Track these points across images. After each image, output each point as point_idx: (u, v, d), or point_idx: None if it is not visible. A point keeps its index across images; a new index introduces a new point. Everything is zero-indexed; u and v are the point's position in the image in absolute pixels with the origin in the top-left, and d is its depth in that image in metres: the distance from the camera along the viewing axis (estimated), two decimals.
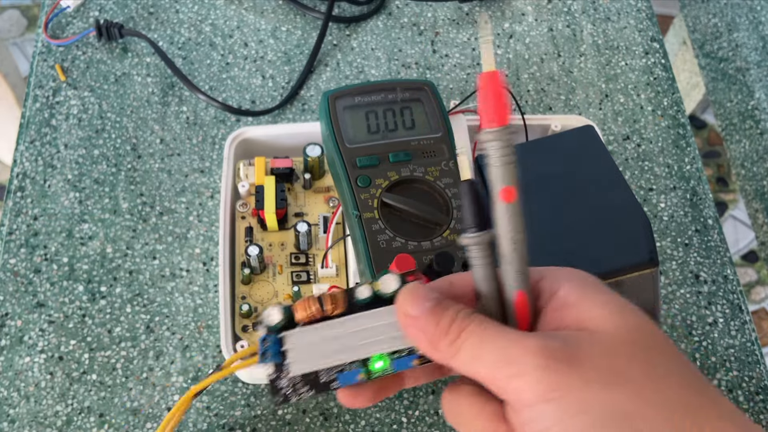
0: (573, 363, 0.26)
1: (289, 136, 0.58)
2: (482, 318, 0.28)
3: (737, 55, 0.90)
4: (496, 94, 0.28)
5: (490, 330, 0.28)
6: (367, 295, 0.31)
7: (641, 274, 0.45)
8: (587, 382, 0.25)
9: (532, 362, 0.26)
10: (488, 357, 0.27)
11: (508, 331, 0.28)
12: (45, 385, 0.53)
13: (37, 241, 0.58)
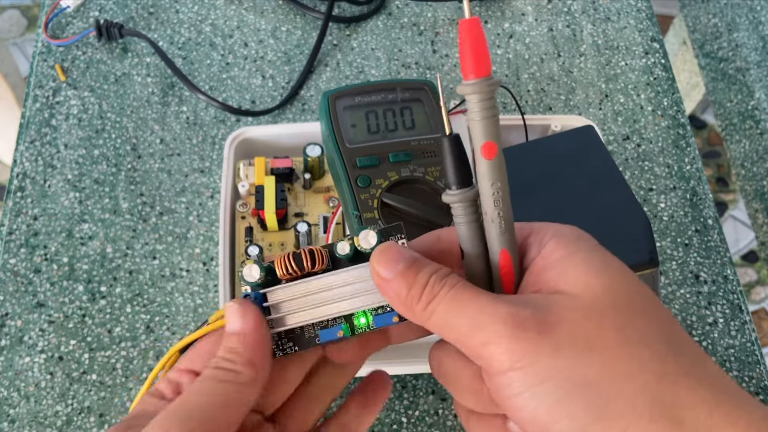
0: (542, 331, 0.25)
1: (289, 136, 0.58)
2: (455, 282, 0.27)
3: (737, 55, 0.90)
4: (475, 41, 0.27)
5: (462, 296, 0.27)
6: (347, 251, 0.31)
7: (641, 275, 0.45)
8: (556, 349, 0.25)
9: (501, 331, 0.25)
10: (459, 324, 0.27)
11: (481, 296, 0.27)
12: (45, 385, 0.53)
13: (37, 241, 0.58)
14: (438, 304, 0.27)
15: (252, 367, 0.30)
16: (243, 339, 0.30)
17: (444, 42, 0.71)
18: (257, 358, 0.30)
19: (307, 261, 0.31)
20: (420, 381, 0.54)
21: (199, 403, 0.28)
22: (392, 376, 0.53)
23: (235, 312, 0.31)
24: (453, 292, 0.27)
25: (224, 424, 0.28)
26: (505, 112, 0.67)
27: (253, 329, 0.31)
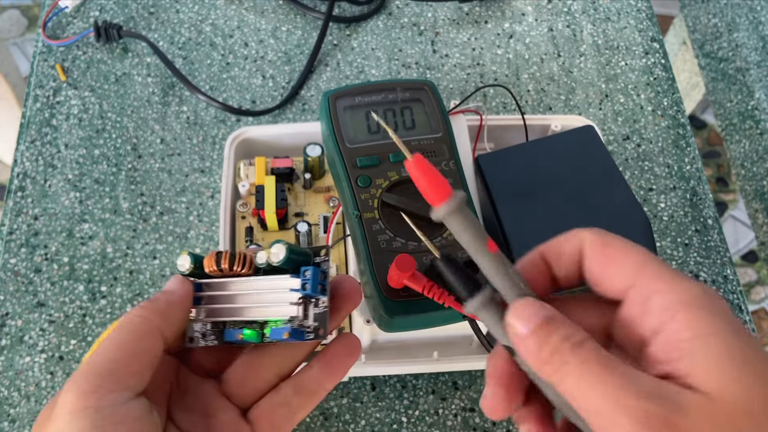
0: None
1: (290, 135, 0.58)
2: (589, 352, 0.25)
3: (737, 55, 0.90)
4: (426, 175, 0.29)
5: (592, 370, 0.25)
6: (263, 262, 0.33)
7: None
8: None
9: (626, 427, 0.23)
10: (586, 401, 0.25)
11: (614, 376, 0.24)
12: (45, 385, 0.53)
13: (37, 240, 0.58)
14: (566, 375, 0.25)
15: (162, 317, 0.31)
16: (168, 294, 0.32)
17: (444, 42, 0.71)
18: (170, 311, 0.32)
19: (225, 262, 0.33)
20: (420, 381, 0.54)
21: (101, 356, 0.29)
22: (392, 376, 0.53)
23: (176, 278, 0.34)
24: (584, 365, 0.25)
25: (129, 373, 0.29)
26: (505, 112, 0.67)
27: (182, 294, 0.33)
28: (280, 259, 0.32)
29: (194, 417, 0.32)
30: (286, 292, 0.32)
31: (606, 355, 0.25)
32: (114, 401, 0.28)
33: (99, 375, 0.28)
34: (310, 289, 0.32)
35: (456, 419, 0.53)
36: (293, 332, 0.31)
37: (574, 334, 0.26)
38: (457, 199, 0.28)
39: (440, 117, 0.49)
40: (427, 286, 0.39)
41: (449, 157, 0.47)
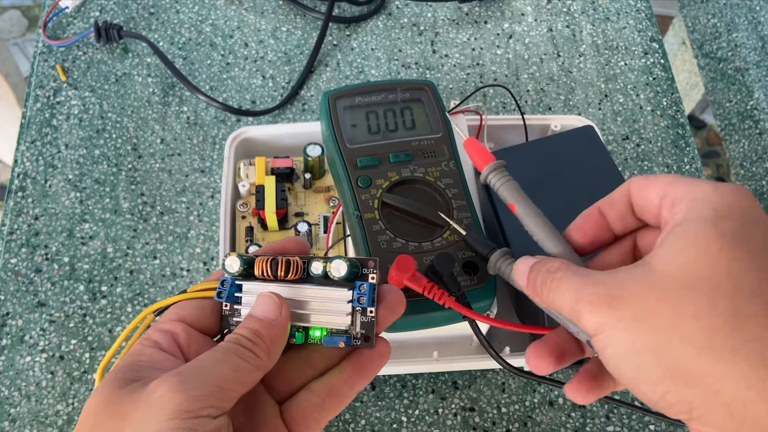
0: (610, 305, 0.29)
1: (290, 135, 0.58)
2: (561, 273, 0.32)
3: (736, 55, 0.90)
4: (477, 149, 0.41)
5: (561, 282, 0.32)
6: (320, 272, 0.34)
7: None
8: (618, 320, 0.29)
9: (583, 309, 0.30)
10: (563, 304, 0.31)
11: (573, 280, 0.31)
12: (46, 385, 0.53)
13: (38, 240, 0.58)
14: (550, 292, 0.32)
15: (268, 355, 0.32)
16: (270, 328, 0.33)
17: (444, 42, 0.71)
18: (275, 349, 0.33)
19: (282, 270, 0.34)
20: (420, 380, 0.54)
21: (215, 371, 0.31)
22: (392, 376, 0.54)
23: (272, 302, 0.34)
24: (558, 281, 0.32)
25: (231, 397, 0.30)
26: (505, 112, 0.67)
27: (283, 323, 0.33)
28: (342, 275, 0.34)
29: (238, 409, 0.33)
30: (341, 303, 0.34)
31: (575, 270, 0.32)
32: (211, 414, 0.29)
33: (209, 387, 0.30)
34: (366, 302, 0.34)
35: (456, 419, 0.53)
36: (347, 340, 0.34)
37: (552, 266, 0.33)
38: (500, 161, 0.40)
39: (440, 117, 0.49)
40: (427, 287, 0.40)
41: (449, 157, 0.48)
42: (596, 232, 0.35)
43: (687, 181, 0.31)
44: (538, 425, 0.53)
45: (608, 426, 0.53)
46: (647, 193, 0.33)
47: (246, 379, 0.31)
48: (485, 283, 0.43)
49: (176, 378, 0.30)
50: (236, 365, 0.31)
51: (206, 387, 0.30)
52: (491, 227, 0.50)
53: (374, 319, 0.34)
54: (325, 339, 0.34)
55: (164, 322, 0.34)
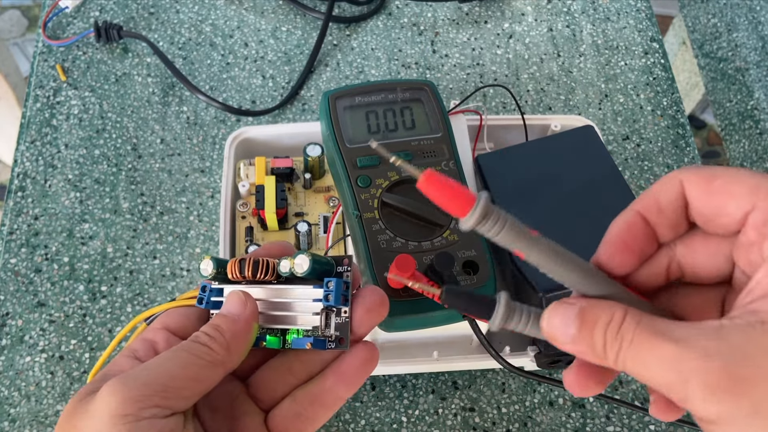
0: (737, 392, 0.22)
1: (290, 135, 0.58)
2: (631, 331, 0.24)
3: (736, 55, 0.90)
4: (441, 189, 0.27)
5: (642, 347, 0.24)
6: (286, 271, 0.33)
7: None
8: (755, 411, 0.22)
9: (692, 393, 0.22)
10: (655, 379, 0.24)
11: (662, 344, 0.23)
12: (46, 385, 0.53)
13: (37, 240, 0.58)
14: (626, 360, 0.25)
15: (227, 351, 0.31)
16: (232, 323, 0.32)
17: (444, 42, 0.71)
18: (236, 346, 0.31)
19: (249, 270, 0.33)
20: (420, 380, 0.54)
21: (160, 369, 0.29)
22: (392, 376, 0.53)
23: (237, 298, 0.32)
24: (633, 346, 0.24)
25: (182, 395, 0.29)
26: (505, 112, 0.67)
27: (247, 319, 0.32)
28: (305, 270, 0.32)
29: (219, 417, 0.33)
30: (309, 302, 0.33)
31: (651, 324, 0.24)
32: (155, 414, 0.28)
33: (150, 387, 0.28)
34: (333, 300, 0.32)
35: (456, 419, 0.53)
36: (315, 341, 0.32)
37: (610, 321, 0.25)
38: (482, 202, 0.26)
39: (440, 117, 0.49)
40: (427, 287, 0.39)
41: (449, 157, 0.48)
42: (644, 245, 0.28)
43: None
44: (538, 425, 0.53)
45: (608, 426, 0.53)
46: (721, 202, 0.25)
47: (200, 375, 0.30)
48: (485, 283, 0.43)
49: (115, 380, 0.28)
50: (185, 361, 0.30)
51: (147, 387, 0.28)
52: None
53: (348, 320, 0.33)
54: (294, 341, 0.33)
55: (148, 330, 0.34)
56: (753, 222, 0.25)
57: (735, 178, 0.25)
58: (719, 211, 0.26)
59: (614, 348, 0.25)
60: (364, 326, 0.33)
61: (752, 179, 0.25)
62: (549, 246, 0.27)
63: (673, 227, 0.27)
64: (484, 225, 0.27)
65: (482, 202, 0.26)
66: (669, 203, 0.27)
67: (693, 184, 0.26)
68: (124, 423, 0.27)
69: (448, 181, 0.27)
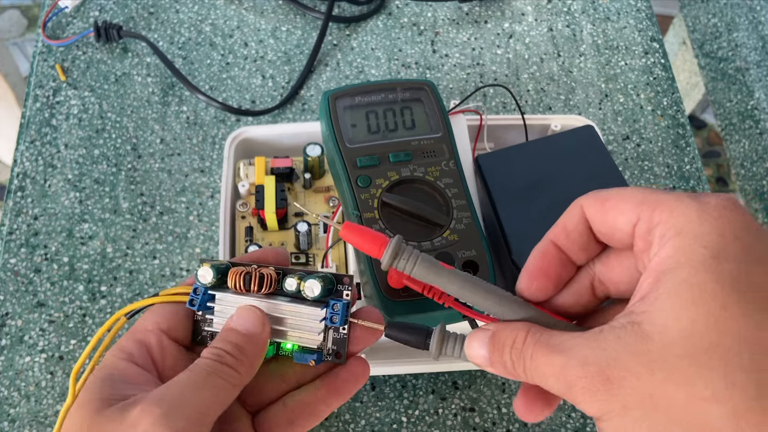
0: (609, 390, 0.24)
1: (289, 135, 0.58)
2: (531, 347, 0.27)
3: (737, 55, 0.90)
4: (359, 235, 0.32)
5: (539, 361, 0.27)
6: (293, 290, 0.34)
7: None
8: (625, 409, 0.24)
9: (577, 396, 0.25)
10: (551, 387, 0.27)
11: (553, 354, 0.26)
12: (45, 385, 0.53)
13: (37, 240, 0.58)
14: (532, 374, 0.27)
15: (249, 372, 0.32)
16: (254, 345, 0.32)
17: (444, 42, 0.71)
18: (255, 365, 0.32)
19: (255, 284, 0.34)
20: (420, 380, 0.54)
21: (197, 399, 0.30)
22: (392, 376, 0.53)
23: (255, 316, 0.33)
24: (533, 360, 0.27)
25: (210, 421, 0.30)
26: (505, 111, 0.67)
27: (266, 339, 0.33)
28: (316, 295, 0.33)
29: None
30: (313, 321, 0.34)
31: (546, 339, 0.27)
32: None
33: (190, 420, 0.29)
34: (338, 321, 0.34)
35: (456, 419, 0.53)
36: (317, 357, 0.34)
37: (517, 339, 0.28)
38: (393, 244, 0.31)
39: (440, 117, 0.49)
40: (427, 287, 0.39)
41: (449, 157, 0.47)
42: (559, 270, 0.30)
43: (660, 198, 0.26)
44: (538, 425, 0.53)
45: None
46: (612, 218, 0.28)
47: (226, 399, 0.31)
48: None
49: (158, 410, 0.28)
50: (216, 387, 0.30)
51: (189, 419, 0.29)
52: (491, 227, 0.50)
53: (346, 336, 0.34)
54: (296, 355, 0.34)
55: (139, 330, 0.33)
56: (638, 232, 0.27)
57: (623, 195, 0.27)
58: (613, 228, 0.28)
59: (520, 365, 0.28)
60: (360, 344, 0.35)
61: (638, 195, 0.27)
62: (463, 278, 0.31)
63: (583, 249, 0.30)
64: (398, 262, 0.31)
65: (393, 243, 0.31)
66: (574, 228, 0.29)
67: (590, 207, 0.29)
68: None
69: (364, 229, 0.32)
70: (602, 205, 0.28)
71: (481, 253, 0.44)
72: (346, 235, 0.32)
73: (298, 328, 0.34)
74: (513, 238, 0.47)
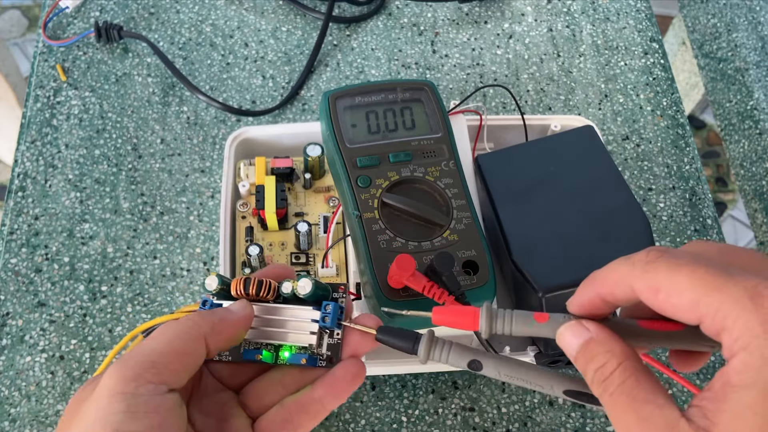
0: None
1: (290, 136, 0.58)
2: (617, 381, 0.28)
3: (736, 55, 0.90)
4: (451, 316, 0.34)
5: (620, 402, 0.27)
6: (288, 292, 0.35)
7: None
8: None
9: None
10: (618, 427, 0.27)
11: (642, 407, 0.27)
12: (46, 385, 0.53)
13: (38, 240, 0.58)
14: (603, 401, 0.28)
15: (212, 328, 0.33)
16: (227, 311, 0.34)
17: (444, 42, 0.71)
18: (221, 327, 0.34)
19: (253, 288, 0.35)
20: (420, 380, 0.54)
21: (148, 347, 0.31)
22: (392, 376, 0.54)
23: (241, 301, 0.36)
24: (612, 399, 0.28)
25: (172, 369, 0.31)
26: (505, 112, 0.67)
27: (241, 316, 0.35)
28: (307, 292, 0.35)
29: (209, 420, 0.34)
30: (306, 322, 0.35)
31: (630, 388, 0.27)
32: (151, 391, 0.30)
33: (141, 365, 0.30)
34: (329, 322, 0.35)
35: (456, 419, 0.53)
36: (309, 358, 0.35)
37: (606, 362, 0.28)
38: (484, 313, 0.33)
39: (440, 117, 0.49)
40: (427, 286, 0.40)
41: (449, 157, 0.48)
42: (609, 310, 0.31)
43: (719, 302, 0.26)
44: (538, 425, 0.53)
45: (608, 426, 0.53)
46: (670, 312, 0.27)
47: (186, 348, 0.32)
48: (485, 283, 0.43)
49: (114, 363, 0.31)
50: (171, 336, 0.32)
51: (139, 365, 0.30)
52: (491, 227, 0.50)
53: (340, 342, 0.35)
54: (290, 356, 0.36)
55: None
56: (705, 330, 0.27)
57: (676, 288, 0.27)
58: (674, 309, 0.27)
59: (598, 389, 0.28)
60: (355, 350, 0.36)
61: (691, 292, 0.26)
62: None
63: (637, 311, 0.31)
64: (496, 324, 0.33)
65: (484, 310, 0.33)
66: (625, 299, 0.29)
67: (643, 293, 0.28)
68: (122, 400, 0.29)
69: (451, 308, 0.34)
70: (655, 296, 0.27)
71: (481, 253, 0.44)
72: (439, 320, 0.34)
73: (292, 330, 0.36)
74: (513, 238, 0.48)
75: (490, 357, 0.34)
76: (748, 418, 0.25)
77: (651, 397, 0.27)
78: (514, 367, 0.33)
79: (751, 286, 0.25)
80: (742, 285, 0.25)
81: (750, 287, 0.25)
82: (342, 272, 0.53)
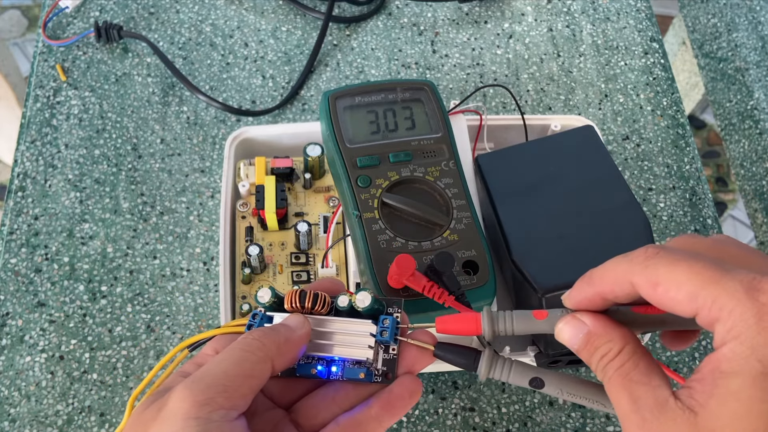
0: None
1: (290, 135, 0.58)
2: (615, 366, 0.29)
3: (736, 55, 0.90)
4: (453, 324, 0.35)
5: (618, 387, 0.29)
6: (345, 305, 0.35)
7: None
8: None
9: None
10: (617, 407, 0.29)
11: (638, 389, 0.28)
12: (46, 385, 0.53)
13: (37, 240, 0.58)
14: (605, 383, 0.30)
15: (278, 349, 0.32)
16: (288, 330, 0.33)
17: (444, 42, 0.71)
18: (288, 347, 0.33)
19: (309, 301, 0.35)
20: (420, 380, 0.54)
21: (217, 370, 0.31)
22: None
23: (298, 317, 0.35)
24: (611, 384, 0.29)
25: (241, 393, 0.30)
26: (505, 112, 0.67)
27: (302, 334, 0.34)
28: (366, 306, 0.34)
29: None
30: (363, 336, 0.35)
31: (628, 371, 0.29)
32: (223, 417, 0.29)
33: (214, 389, 0.30)
34: (387, 336, 0.34)
35: (456, 419, 0.53)
36: (367, 373, 0.34)
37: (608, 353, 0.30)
38: (485, 316, 0.33)
39: (440, 117, 0.49)
40: (427, 286, 0.40)
41: (449, 157, 0.48)
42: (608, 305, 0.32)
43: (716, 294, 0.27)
44: (538, 425, 0.53)
45: (608, 426, 0.53)
46: (668, 305, 0.28)
47: (254, 371, 0.31)
48: (485, 283, 0.43)
49: (182, 385, 0.30)
50: (239, 358, 0.31)
51: (210, 389, 0.30)
52: (491, 227, 0.50)
53: (396, 357, 0.35)
54: (346, 371, 0.35)
55: (199, 355, 0.35)
56: (699, 321, 0.28)
57: (675, 281, 0.28)
58: (673, 303, 0.28)
59: (601, 375, 0.30)
60: (411, 366, 0.36)
61: (689, 285, 0.27)
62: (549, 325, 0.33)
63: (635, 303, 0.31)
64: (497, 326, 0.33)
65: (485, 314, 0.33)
66: (624, 296, 0.30)
67: (642, 288, 0.29)
68: (196, 425, 0.29)
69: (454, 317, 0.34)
70: (654, 290, 0.28)
71: (481, 253, 0.44)
72: (443, 329, 0.34)
73: (349, 344, 0.35)
74: (513, 238, 0.48)
75: (552, 375, 0.34)
76: (733, 403, 0.26)
77: (645, 379, 0.28)
78: (576, 385, 0.33)
79: (747, 281, 0.26)
80: (738, 279, 0.26)
81: (746, 281, 0.26)
82: (342, 272, 0.53)
